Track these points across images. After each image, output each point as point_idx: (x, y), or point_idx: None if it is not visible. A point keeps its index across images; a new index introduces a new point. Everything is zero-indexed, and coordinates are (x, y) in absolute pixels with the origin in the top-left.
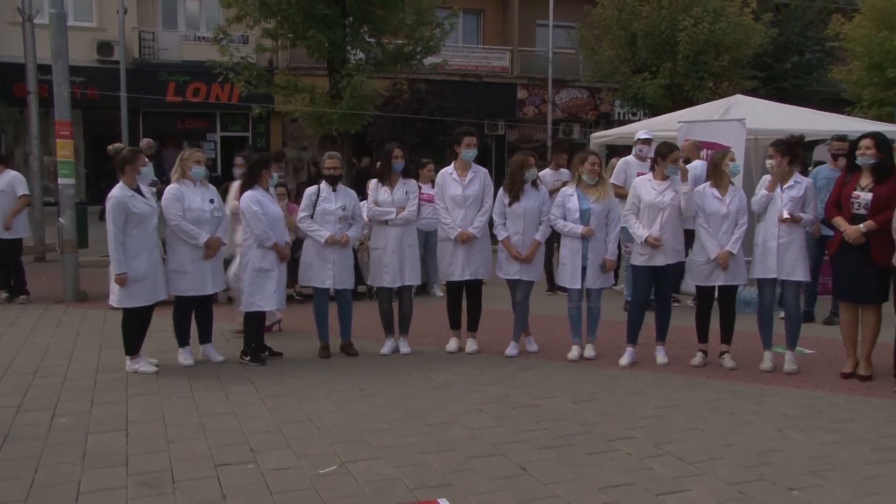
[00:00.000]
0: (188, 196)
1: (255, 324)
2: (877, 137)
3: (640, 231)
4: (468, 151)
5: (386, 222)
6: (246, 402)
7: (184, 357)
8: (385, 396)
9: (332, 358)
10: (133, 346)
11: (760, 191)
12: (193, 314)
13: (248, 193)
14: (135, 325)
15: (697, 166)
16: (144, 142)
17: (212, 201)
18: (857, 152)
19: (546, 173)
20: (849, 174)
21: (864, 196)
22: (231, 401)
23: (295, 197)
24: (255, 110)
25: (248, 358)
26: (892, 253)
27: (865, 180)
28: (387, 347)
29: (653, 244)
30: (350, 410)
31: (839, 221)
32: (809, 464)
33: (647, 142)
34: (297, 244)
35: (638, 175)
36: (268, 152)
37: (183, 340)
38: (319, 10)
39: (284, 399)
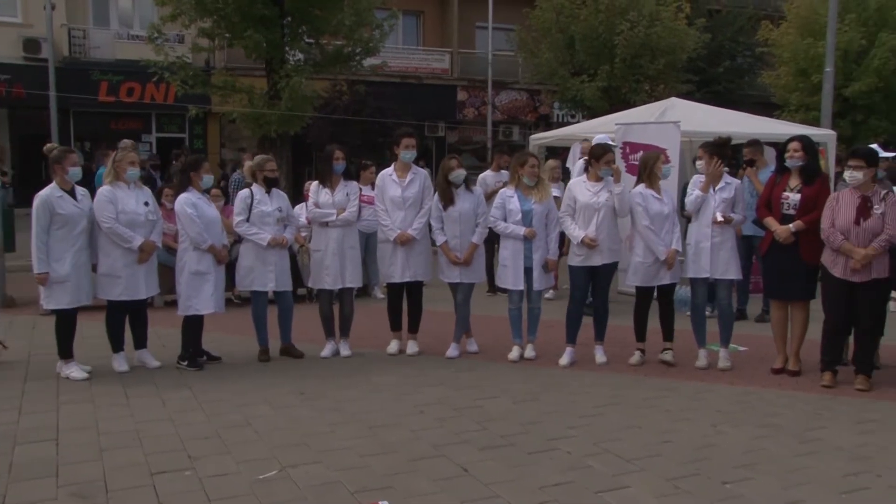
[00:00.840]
0: (122, 198)
1: (193, 328)
2: (804, 140)
3: (576, 232)
4: (406, 153)
5: (326, 224)
6: (183, 407)
7: (118, 363)
8: (326, 399)
9: (271, 361)
10: (65, 349)
11: (694, 191)
12: (128, 319)
13: (182, 196)
14: (65, 327)
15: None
16: (124, 142)
17: (146, 204)
18: (786, 155)
19: (487, 175)
20: (778, 176)
21: (793, 197)
22: (168, 407)
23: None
24: (191, 111)
25: (185, 363)
26: (819, 252)
27: (794, 182)
28: (327, 350)
29: (589, 244)
30: (290, 414)
31: (770, 222)
32: (742, 458)
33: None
34: (235, 247)
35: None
36: (204, 154)
37: (117, 346)
38: (257, 9)
39: (223, 404)
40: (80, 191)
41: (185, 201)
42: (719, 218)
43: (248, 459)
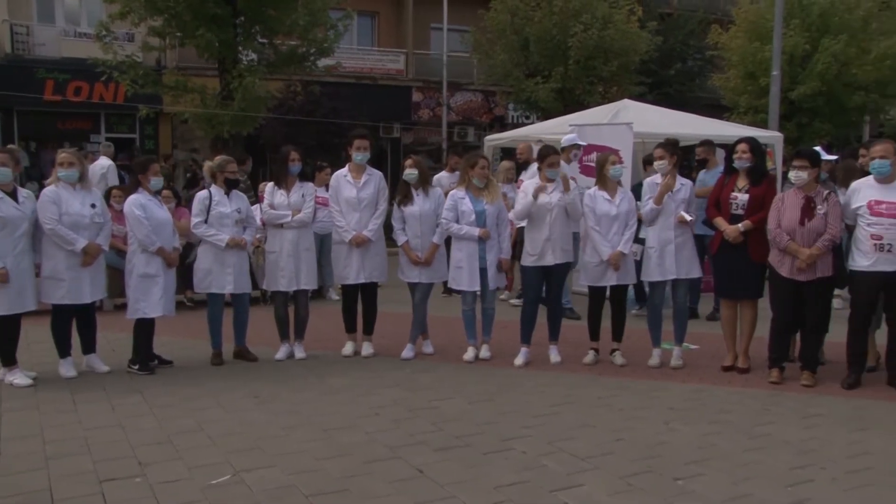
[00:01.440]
0: (66, 199)
1: (143, 331)
2: (751, 142)
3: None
4: (358, 154)
5: (281, 225)
6: (133, 413)
7: (65, 368)
8: (280, 402)
9: (224, 365)
10: (8, 355)
11: (648, 204)
12: (75, 323)
13: (131, 197)
14: (6, 333)
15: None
16: (102, 145)
17: (93, 206)
18: (734, 156)
19: (442, 176)
20: (727, 177)
21: (741, 197)
22: (117, 412)
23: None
24: (142, 111)
25: (136, 367)
26: (767, 251)
27: (742, 182)
28: (282, 353)
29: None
30: (244, 418)
31: (719, 222)
32: (693, 454)
33: (578, 147)
34: (188, 249)
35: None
36: (155, 155)
37: (64, 351)
38: (209, 8)
39: (175, 409)
40: (23, 192)
41: (134, 203)
42: (688, 218)
43: (201, 465)
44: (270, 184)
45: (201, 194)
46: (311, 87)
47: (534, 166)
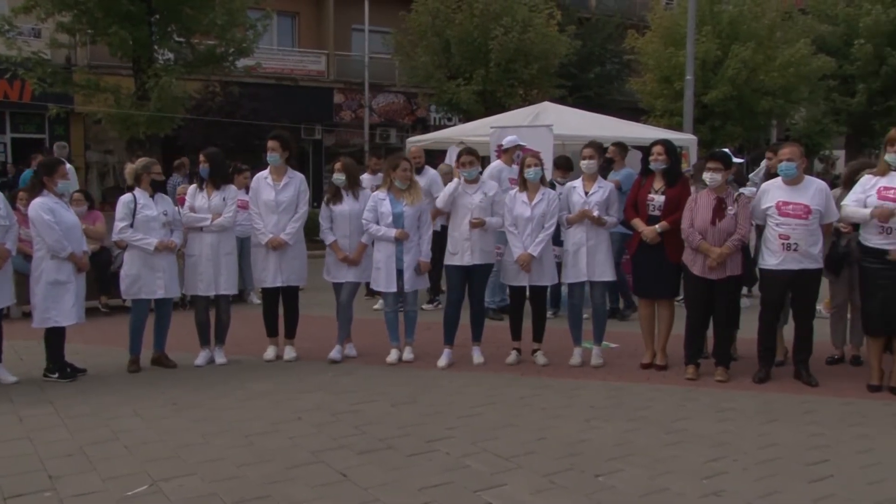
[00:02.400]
0: None
1: (55, 340)
2: (666, 144)
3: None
4: (269, 155)
5: (201, 229)
6: (43, 424)
7: None
8: (200, 409)
9: (142, 372)
10: None
11: (563, 213)
12: None
13: (37, 201)
14: None
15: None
16: (57, 146)
17: None
18: (650, 158)
19: (364, 178)
20: (643, 178)
21: (657, 199)
22: (26, 424)
23: (101, 204)
24: (51, 110)
25: (56, 375)
26: (683, 251)
27: (658, 184)
28: (201, 358)
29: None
30: (162, 426)
31: (637, 223)
32: (613, 451)
33: (521, 147)
34: (107, 254)
35: (510, 181)
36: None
37: None
38: (122, 5)
39: (88, 419)
40: None
41: (42, 206)
42: (595, 213)
43: (116, 476)
44: (192, 186)
45: (125, 198)
46: (231, 88)
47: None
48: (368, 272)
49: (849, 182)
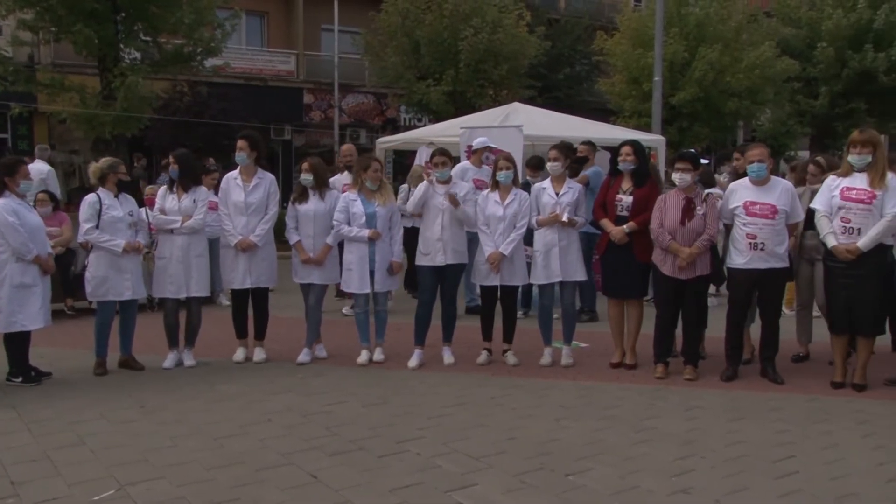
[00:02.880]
0: None
1: (19, 343)
2: (634, 145)
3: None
4: (238, 155)
5: (171, 231)
6: (6, 429)
7: None
8: (168, 412)
9: (109, 375)
10: None
11: (533, 215)
12: None
13: (0, 202)
14: None
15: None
16: (39, 148)
17: None
18: (619, 158)
19: (335, 179)
20: (612, 179)
21: (625, 199)
22: None
23: (66, 205)
24: (13, 109)
25: (20, 379)
26: (652, 251)
27: (626, 184)
28: (170, 361)
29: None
30: (130, 429)
31: (605, 223)
32: (583, 450)
33: (490, 149)
34: (70, 256)
35: (474, 181)
36: (30, 156)
37: None
38: (86, 3)
39: (53, 423)
40: None
41: (5, 208)
42: (564, 218)
43: (82, 481)
44: (163, 188)
45: (90, 198)
46: (199, 88)
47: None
48: (335, 274)
49: (801, 181)
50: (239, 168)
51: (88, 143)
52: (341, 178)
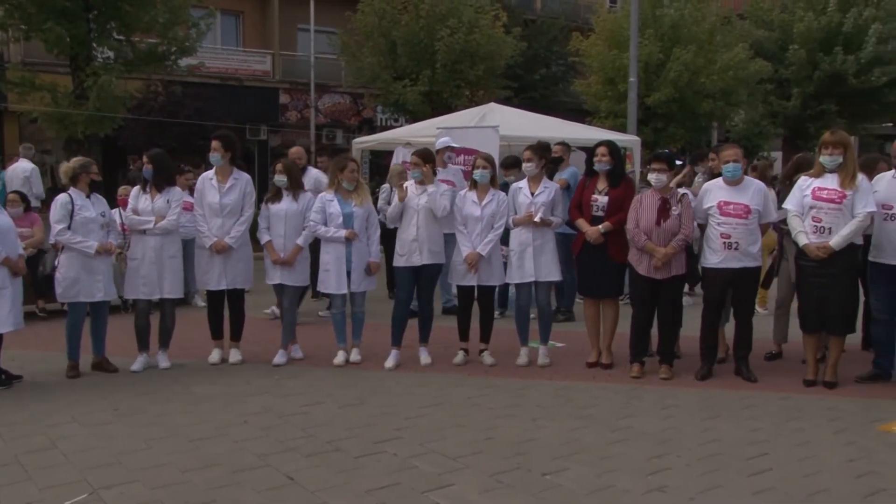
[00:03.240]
0: None
1: None
2: (610, 145)
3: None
4: (212, 156)
5: (144, 231)
6: None
7: None
8: (143, 415)
9: (81, 377)
10: None
11: (509, 216)
12: None
13: None
14: None
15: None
16: (23, 147)
17: None
18: (595, 159)
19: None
20: (588, 179)
21: (601, 199)
22: None
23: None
24: None
25: None
26: (627, 251)
27: (602, 184)
28: (138, 363)
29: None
30: (103, 432)
31: (581, 223)
32: (560, 449)
33: (453, 149)
34: (39, 258)
35: (441, 181)
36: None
37: None
38: (57, 1)
39: (25, 426)
40: None
41: None
42: (536, 218)
43: (54, 485)
44: (136, 188)
45: (62, 199)
46: (174, 88)
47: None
48: (307, 275)
49: (789, 178)
50: (215, 168)
51: (61, 143)
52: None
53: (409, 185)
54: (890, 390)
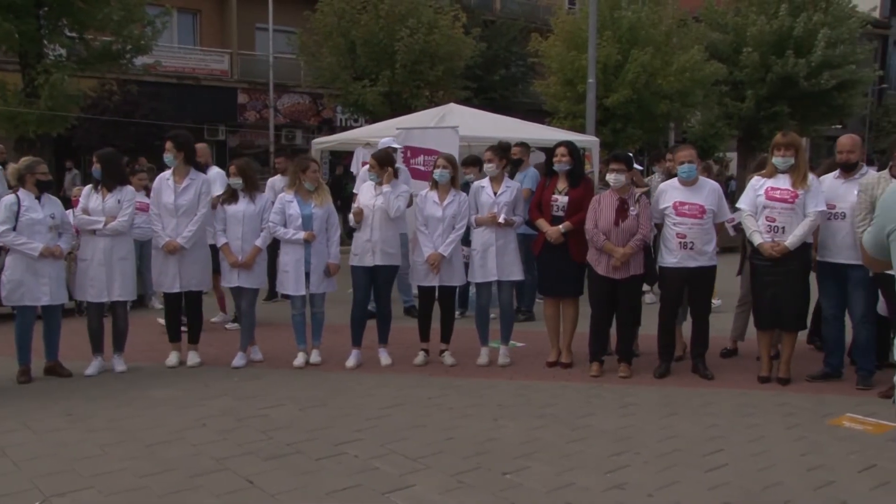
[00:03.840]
0: None
1: None
2: (569, 146)
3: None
4: (165, 156)
5: (94, 232)
6: None
7: None
8: (98, 419)
9: (33, 382)
10: None
11: (471, 215)
12: None
13: None
14: None
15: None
16: None
17: None
18: (554, 159)
19: (276, 179)
20: (547, 179)
21: (561, 199)
22: None
23: None
24: None
25: None
26: (587, 250)
27: (562, 184)
28: (93, 367)
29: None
30: (56, 439)
31: (541, 223)
32: (520, 448)
33: (395, 149)
34: None
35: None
36: None
37: None
38: None
39: None
40: None
41: None
42: (501, 220)
43: (4, 494)
44: (87, 187)
45: (7, 199)
46: (129, 87)
47: (363, 170)
48: (262, 277)
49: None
50: (172, 169)
51: (11, 143)
52: (282, 179)
53: (367, 185)
54: (839, 386)
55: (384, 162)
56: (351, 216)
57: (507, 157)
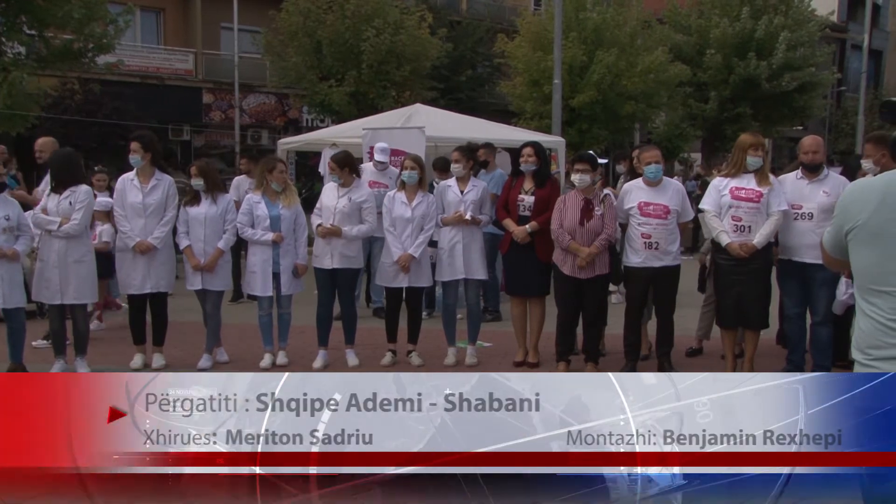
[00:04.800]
0: None
1: None
2: (535, 146)
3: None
4: (131, 157)
5: (49, 232)
6: None
7: None
8: None
9: None
10: None
11: (439, 217)
12: None
13: None
14: None
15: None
16: None
17: None
18: (521, 159)
19: (242, 179)
20: (514, 179)
21: (527, 199)
22: None
23: None
24: None
25: None
26: (552, 250)
27: (528, 184)
28: (56, 368)
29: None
30: None
31: (508, 223)
32: None
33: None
34: None
35: (371, 183)
36: None
37: None
38: None
39: None
40: None
41: None
42: (468, 216)
43: None
44: (44, 185)
45: None
46: (91, 86)
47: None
48: (226, 280)
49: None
50: (136, 170)
51: None
52: (242, 181)
53: (330, 187)
54: None
55: (344, 163)
56: (315, 228)
57: (475, 158)
